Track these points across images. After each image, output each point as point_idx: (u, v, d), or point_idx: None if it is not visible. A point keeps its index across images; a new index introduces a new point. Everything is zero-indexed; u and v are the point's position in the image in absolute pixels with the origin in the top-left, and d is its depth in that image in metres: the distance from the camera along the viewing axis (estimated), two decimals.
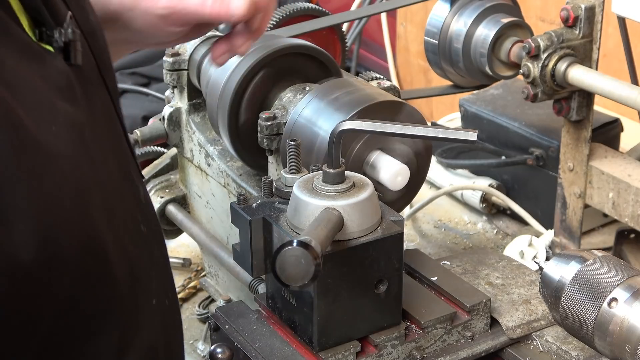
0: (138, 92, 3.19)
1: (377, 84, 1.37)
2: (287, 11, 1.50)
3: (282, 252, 0.93)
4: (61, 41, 0.82)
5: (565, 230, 1.58)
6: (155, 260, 0.94)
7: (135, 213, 0.90)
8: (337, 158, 1.08)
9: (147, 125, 1.56)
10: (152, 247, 0.93)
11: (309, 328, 1.10)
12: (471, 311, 1.19)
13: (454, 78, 1.64)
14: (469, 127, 1.84)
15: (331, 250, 1.04)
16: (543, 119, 1.76)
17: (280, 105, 1.32)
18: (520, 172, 1.78)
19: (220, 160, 1.46)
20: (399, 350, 1.14)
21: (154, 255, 0.93)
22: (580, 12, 1.43)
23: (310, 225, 1.02)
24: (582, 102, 1.48)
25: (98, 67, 0.90)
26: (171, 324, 0.97)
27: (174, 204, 1.59)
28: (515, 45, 1.51)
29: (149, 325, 0.88)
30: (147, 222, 0.93)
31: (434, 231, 1.82)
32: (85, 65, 0.86)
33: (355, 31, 3.15)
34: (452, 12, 1.57)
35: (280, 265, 0.93)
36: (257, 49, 1.32)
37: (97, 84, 0.90)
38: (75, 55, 0.83)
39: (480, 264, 1.35)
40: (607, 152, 1.53)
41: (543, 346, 1.22)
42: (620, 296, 1.00)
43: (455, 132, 1.06)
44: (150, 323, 0.89)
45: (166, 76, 1.50)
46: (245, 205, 1.14)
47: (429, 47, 1.61)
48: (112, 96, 0.92)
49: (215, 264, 1.54)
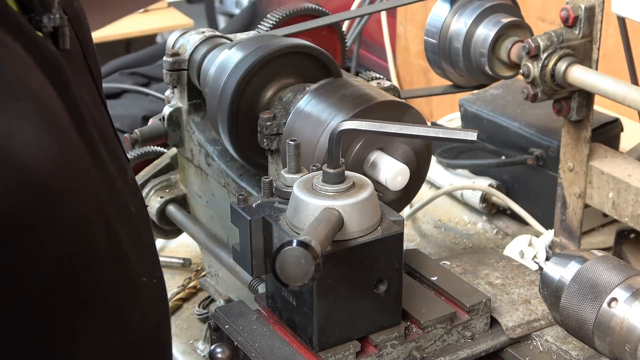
0: (138, 92, 3.20)
1: (377, 84, 1.37)
2: (287, 11, 1.50)
3: (282, 252, 0.93)
4: (50, 26, 0.82)
5: (565, 230, 1.58)
6: (142, 240, 0.95)
7: (125, 194, 0.91)
8: (337, 158, 1.08)
9: (147, 125, 1.55)
10: (139, 227, 0.94)
11: (309, 328, 1.10)
12: (471, 311, 1.19)
13: (454, 78, 1.64)
14: (469, 127, 1.84)
15: (331, 250, 1.05)
16: (543, 119, 1.76)
17: (280, 105, 1.32)
18: (520, 172, 1.78)
19: (220, 160, 1.46)
20: (399, 350, 1.14)
21: (141, 235, 0.95)
22: (580, 12, 1.43)
23: (310, 225, 1.02)
24: (582, 102, 1.48)
25: (83, 52, 0.91)
26: (160, 302, 0.98)
27: (174, 204, 1.59)
28: (515, 45, 1.51)
29: (137, 304, 0.89)
30: (136, 203, 0.94)
31: (434, 231, 1.82)
32: (72, 50, 0.87)
33: (355, 31, 3.15)
34: (452, 12, 1.57)
35: (280, 265, 0.93)
36: (257, 48, 1.32)
37: (83, 70, 0.91)
38: (63, 40, 0.84)
39: (480, 264, 1.35)
40: (607, 152, 1.53)
41: (543, 346, 1.22)
42: (620, 296, 1.00)
43: (455, 132, 1.06)
44: (139, 302, 0.90)
45: (166, 76, 1.50)
46: (245, 205, 1.14)
47: (428, 47, 1.61)
48: (96, 82, 0.94)
49: (215, 264, 1.54)
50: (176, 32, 1.52)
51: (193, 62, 1.46)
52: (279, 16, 1.50)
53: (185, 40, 1.49)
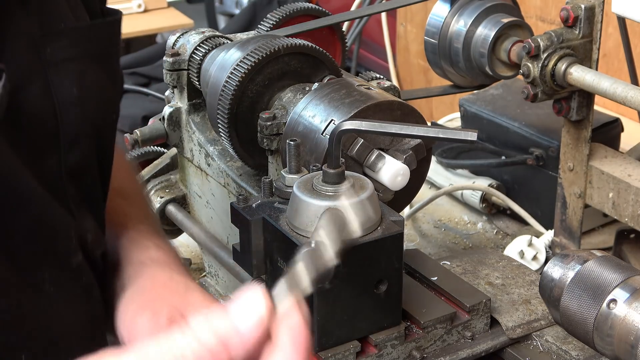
0: (138, 92, 3.20)
1: (377, 84, 1.37)
2: (287, 11, 1.50)
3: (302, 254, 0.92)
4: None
5: (565, 230, 1.58)
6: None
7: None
8: (337, 158, 1.08)
9: (147, 125, 1.55)
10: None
11: (309, 328, 1.10)
12: (471, 311, 1.19)
13: (454, 78, 1.64)
14: (469, 127, 1.84)
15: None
16: (543, 119, 1.76)
17: (280, 105, 1.32)
18: (520, 172, 1.78)
19: (220, 160, 1.46)
20: (399, 350, 1.14)
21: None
22: (580, 12, 1.43)
23: (318, 225, 1.02)
24: (582, 102, 1.48)
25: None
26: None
27: (174, 204, 1.59)
28: (515, 45, 1.51)
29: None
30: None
31: (434, 231, 1.81)
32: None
33: (355, 31, 3.15)
34: (452, 12, 1.57)
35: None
36: (257, 48, 1.32)
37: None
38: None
39: (480, 264, 1.35)
40: (607, 152, 1.52)
41: (543, 346, 1.22)
42: (620, 296, 1.00)
43: (455, 132, 1.06)
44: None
45: (166, 76, 1.50)
46: (245, 205, 1.14)
47: (428, 47, 1.61)
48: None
49: (215, 264, 1.54)
50: (176, 32, 1.52)
51: (193, 62, 1.46)
52: (279, 16, 1.50)
53: (185, 40, 1.49)
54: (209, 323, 0.66)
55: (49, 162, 0.90)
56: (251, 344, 0.66)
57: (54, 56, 0.88)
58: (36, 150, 0.88)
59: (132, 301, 0.96)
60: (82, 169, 0.94)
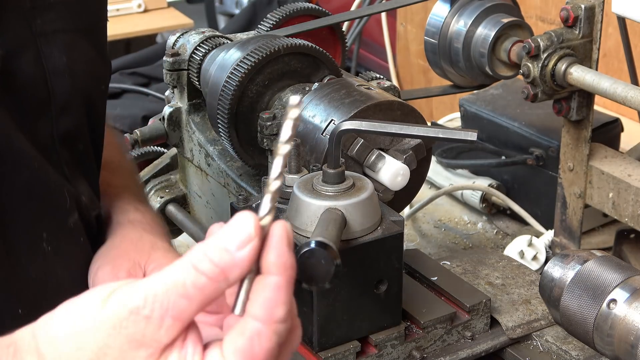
0: (138, 92, 3.19)
1: (377, 84, 1.37)
2: (287, 11, 1.50)
3: (302, 254, 0.92)
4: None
5: (565, 230, 1.58)
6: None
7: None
8: (337, 158, 1.08)
9: (147, 125, 1.55)
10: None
11: (309, 328, 1.10)
12: (471, 311, 1.19)
13: (454, 78, 1.64)
14: (469, 127, 1.84)
15: None
16: (543, 119, 1.76)
17: (281, 105, 1.32)
18: (520, 172, 1.78)
19: (220, 160, 1.46)
20: (399, 350, 1.14)
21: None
22: (580, 12, 1.43)
23: (318, 226, 1.02)
24: (582, 102, 1.48)
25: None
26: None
27: (174, 204, 1.59)
28: (515, 45, 1.51)
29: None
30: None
31: (434, 231, 1.81)
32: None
33: (355, 31, 3.15)
34: (452, 12, 1.57)
35: (301, 267, 0.93)
36: (257, 48, 1.32)
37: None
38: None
39: (480, 264, 1.35)
40: (607, 152, 1.52)
41: (543, 346, 1.22)
42: (620, 296, 1.00)
43: (455, 132, 1.06)
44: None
45: (166, 76, 1.50)
46: (245, 205, 1.14)
47: (428, 47, 1.61)
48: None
49: None
50: (176, 32, 1.52)
51: (193, 62, 1.46)
52: (279, 16, 1.50)
53: (185, 40, 1.49)
54: (206, 253, 0.70)
55: (42, 128, 0.95)
56: (246, 265, 0.70)
57: (44, 28, 0.93)
58: (29, 115, 0.93)
59: (101, 257, 1.03)
60: (74, 136, 1.00)
